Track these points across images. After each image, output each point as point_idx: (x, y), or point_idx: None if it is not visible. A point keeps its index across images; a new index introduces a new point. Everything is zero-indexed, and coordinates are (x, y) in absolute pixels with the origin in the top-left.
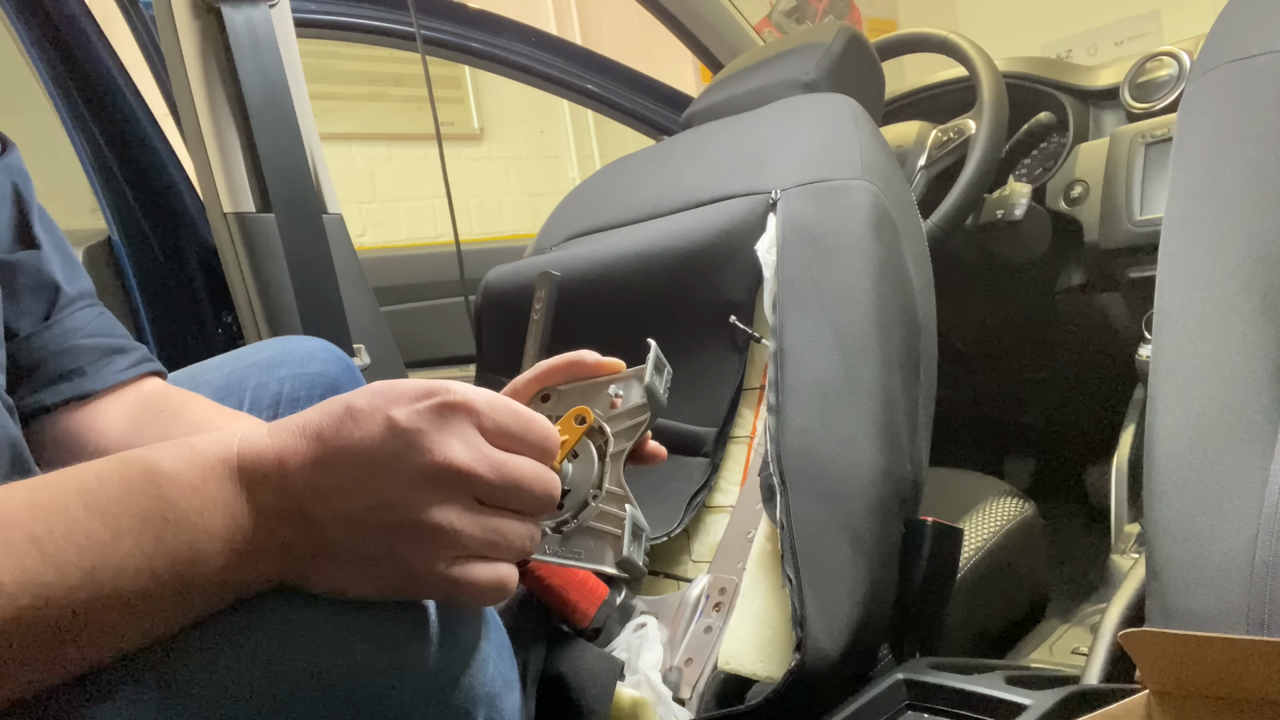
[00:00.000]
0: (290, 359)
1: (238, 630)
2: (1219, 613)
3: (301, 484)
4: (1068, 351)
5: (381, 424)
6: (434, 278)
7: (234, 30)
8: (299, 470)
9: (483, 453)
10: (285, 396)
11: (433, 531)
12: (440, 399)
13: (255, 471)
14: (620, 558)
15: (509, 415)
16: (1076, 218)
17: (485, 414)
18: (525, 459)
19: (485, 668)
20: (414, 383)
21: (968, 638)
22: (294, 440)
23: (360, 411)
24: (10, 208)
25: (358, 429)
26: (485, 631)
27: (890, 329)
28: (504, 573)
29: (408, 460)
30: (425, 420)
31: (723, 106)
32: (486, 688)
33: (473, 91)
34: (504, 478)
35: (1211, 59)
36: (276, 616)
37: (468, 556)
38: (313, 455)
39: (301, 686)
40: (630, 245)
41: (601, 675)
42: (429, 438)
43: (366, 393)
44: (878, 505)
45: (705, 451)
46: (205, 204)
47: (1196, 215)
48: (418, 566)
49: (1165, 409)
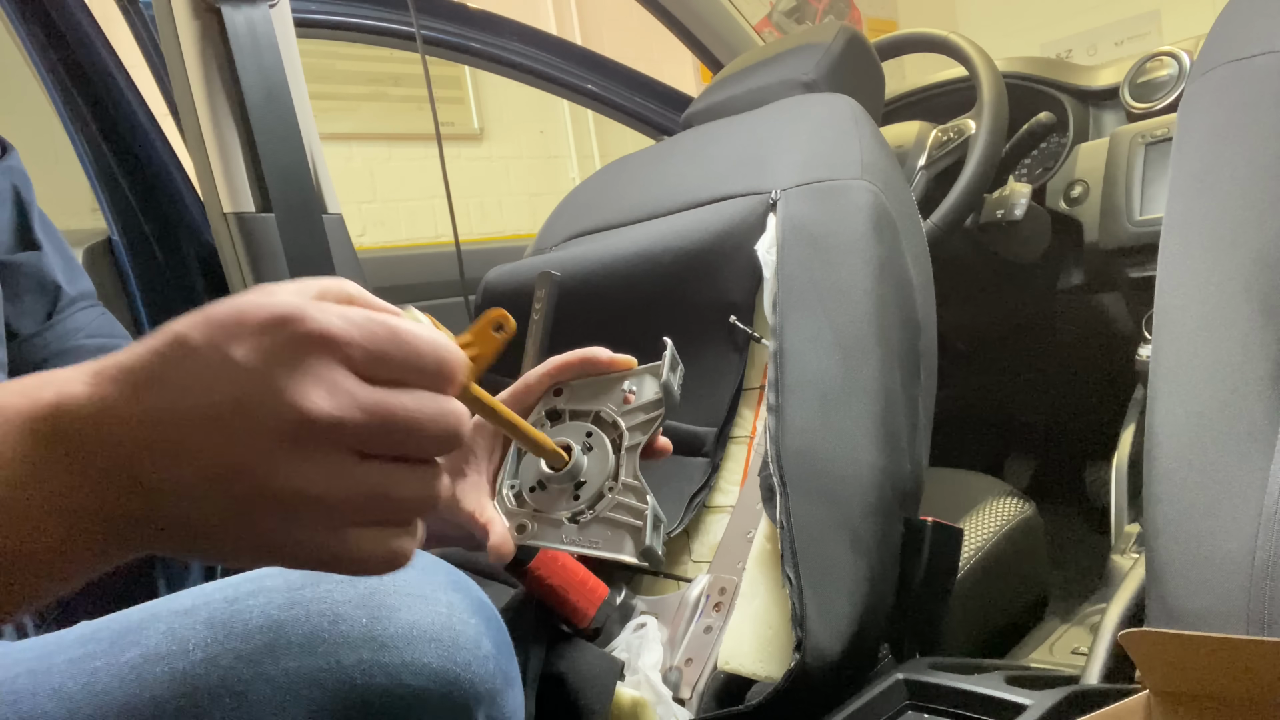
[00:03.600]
0: None
1: (235, 635)
2: (1219, 613)
3: (130, 443)
4: (1068, 351)
5: (219, 366)
6: (434, 278)
7: (234, 30)
8: (123, 426)
9: (351, 395)
10: None
11: (296, 501)
12: (292, 330)
13: (69, 428)
14: (644, 547)
15: (387, 339)
16: (1076, 218)
17: (354, 342)
18: (412, 392)
19: (486, 665)
20: (261, 304)
21: (968, 638)
22: (116, 389)
23: (194, 350)
24: (10, 209)
25: (191, 374)
26: (486, 629)
27: (890, 329)
28: (395, 544)
29: (255, 414)
30: (274, 359)
31: (723, 106)
32: (487, 685)
33: (473, 91)
34: (385, 420)
35: (1211, 59)
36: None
37: (349, 524)
38: (139, 408)
39: (301, 688)
40: (630, 245)
41: (601, 675)
42: (280, 383)
43: (202, 321)
44: (878, 505)
45: (705, 451)
46: (205, 204)
47: (1196, 215)
48: (284, 542)
49: (1165, 409)
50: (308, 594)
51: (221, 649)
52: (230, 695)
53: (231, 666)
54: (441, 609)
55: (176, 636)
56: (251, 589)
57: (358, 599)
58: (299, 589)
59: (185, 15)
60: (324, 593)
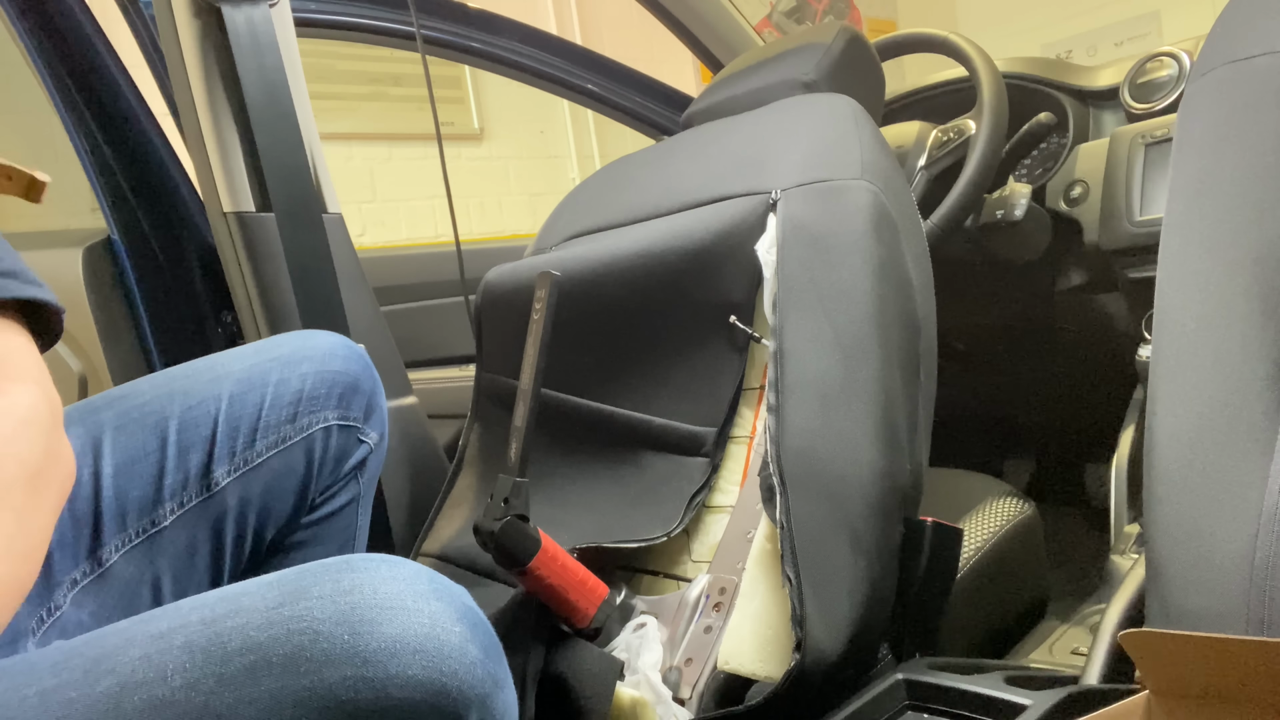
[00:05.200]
0: (312, 355)
1: (214, 659)
2: (1219, 613)
3: None
4: (1068, 351)
5: None
6: (434, 278)
7: (234, 30)
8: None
9: None
10: (306, 394)
11: None
12: None
13: None
14: None
15: None
16: (1076, 218)
17: None
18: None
19: (474, 671)
20: None
21: (968, 638)
22: None
23: None
24: None
25: None
26: (472, 634)
27: (890, 329)
28: None
29: None
30: None
31: (723, 106)
32: (476, 690)
33: (473, 91)
34: None
35: (1211, 59)
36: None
37: None
38: None
39: (286, 709)
40: (630, 245)
41: (601, 675)
42: None
43: None
44: (878, 505)
45: (705, 451)
46: (205, 204)
47: (1196, 216)
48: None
49: (1165, 409)
50: (286, 612)
51: (201, 674)
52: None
53: (213, 691)
54: (424, 620)
55: (153, 663)
56: (228, 609)
57: (338, 615)
58: (276, 608)
59: (185, 15)
60: (303, 610)
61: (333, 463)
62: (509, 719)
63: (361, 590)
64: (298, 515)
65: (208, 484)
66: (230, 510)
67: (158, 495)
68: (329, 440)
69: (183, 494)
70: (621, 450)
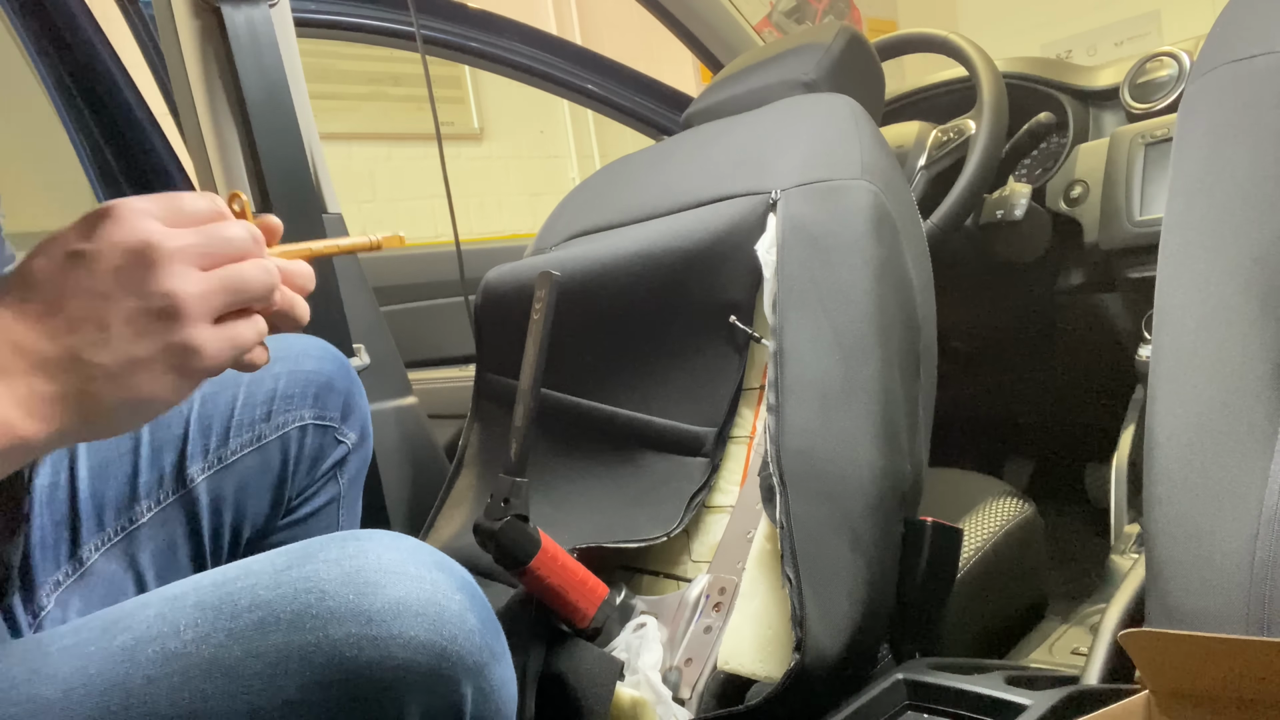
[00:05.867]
0: (285, 356)
1: (224, 615)
2: (1219, 613)
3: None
4: (1068, 351)
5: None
6: (434, 278)
7: (234, 30)
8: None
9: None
10: (280, 392)
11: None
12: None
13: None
14: None
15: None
16: (1076, 218)
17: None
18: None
19: (472, 638)
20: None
21: (968, 638)
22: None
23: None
24: None
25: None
26: (471, 605)
27: (890, 329)
28: (241, 332)
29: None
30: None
31: (723, 106)
32: (474, 658)
33: (473, 91)
34: (224, 279)
35: (1211, 60)
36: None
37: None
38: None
39: (291, 663)
40: (630, 245)
41: (601, 675)
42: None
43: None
44: (877, 505)
45: (705, 451)
46: None
47: (1196, 216)
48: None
49: (1165, 409)
50: (294, 574)
51: (211, 628)
52: (221, 672)
53: (222, 644)
54: (426, 585)
55: (167, 619)
56: (238, 573)
57: (343, 577)
58: (285, 570)
59: (185, 15)
60: (309, 572)
61: (309, 461)
62: (506, 694)
63: (366, 555)
64: (275, 514)
65: (182, 481)
66: (205, 506)
67: (133, 494)
68: (304, 439)
69: (158, 491)
70: (621, 450)
